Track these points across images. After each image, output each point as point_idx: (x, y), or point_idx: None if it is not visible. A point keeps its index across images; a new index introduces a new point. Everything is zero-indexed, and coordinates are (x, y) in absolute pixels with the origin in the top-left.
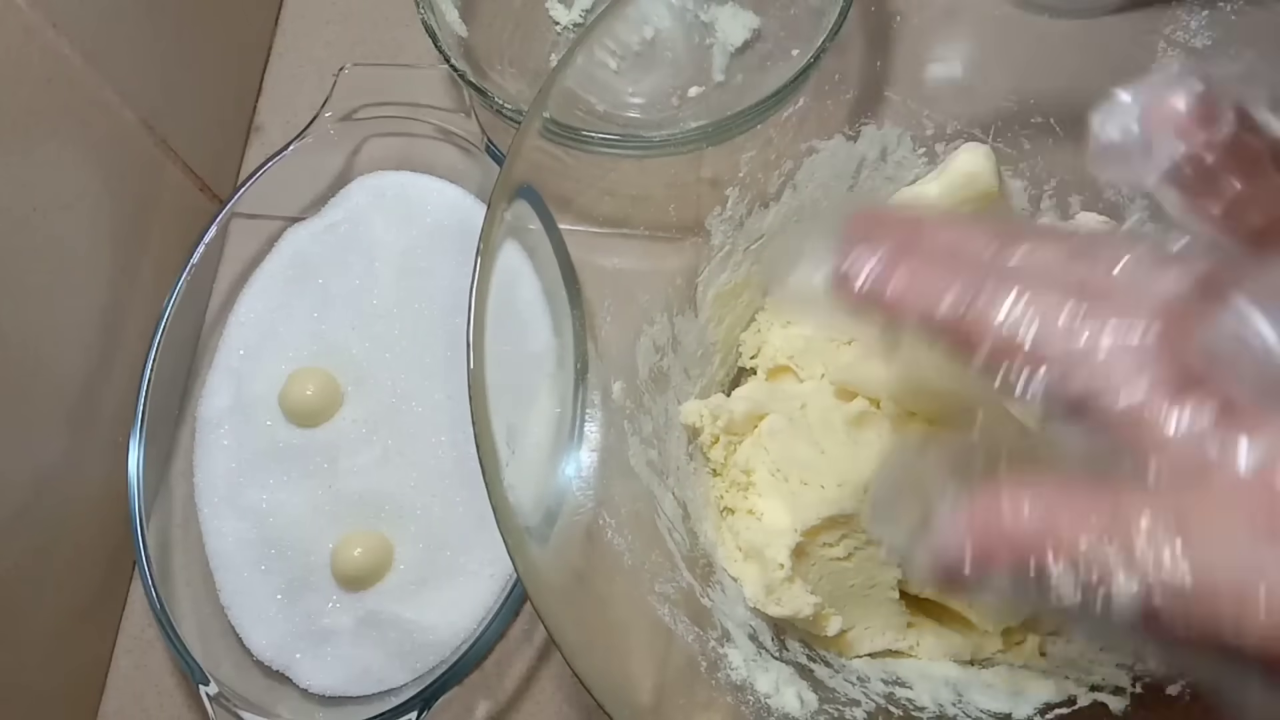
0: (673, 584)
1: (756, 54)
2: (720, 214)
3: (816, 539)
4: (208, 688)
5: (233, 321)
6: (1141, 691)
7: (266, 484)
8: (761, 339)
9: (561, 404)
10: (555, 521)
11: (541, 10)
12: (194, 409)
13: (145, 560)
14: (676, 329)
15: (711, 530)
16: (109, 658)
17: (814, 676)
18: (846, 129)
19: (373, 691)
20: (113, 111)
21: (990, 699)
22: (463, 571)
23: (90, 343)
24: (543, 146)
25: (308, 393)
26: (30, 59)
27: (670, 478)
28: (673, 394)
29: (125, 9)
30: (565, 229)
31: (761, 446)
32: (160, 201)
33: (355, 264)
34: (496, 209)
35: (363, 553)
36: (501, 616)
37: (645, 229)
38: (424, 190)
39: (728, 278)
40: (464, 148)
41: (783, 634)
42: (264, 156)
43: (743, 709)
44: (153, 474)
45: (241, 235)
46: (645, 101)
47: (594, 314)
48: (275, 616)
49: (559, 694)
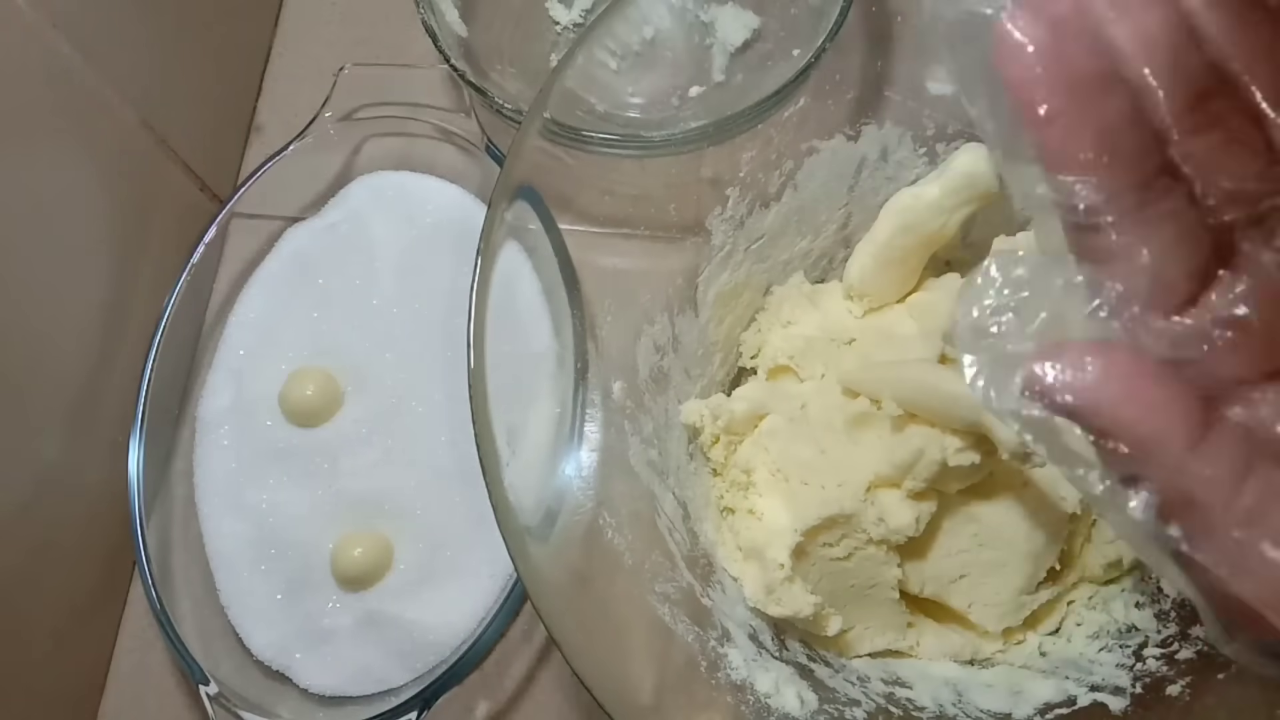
0: (673, 584)
1: (756, 54)
2: (721, 214)
3: (816, 539)
4: (208, 688)
5: (233, 321)
6: (1141, 691)
7: (266, 484)
8: (762, 339)
9: (561, 404)
10: (555, 521)
11: (541, 10)
12: (194, 409)
13: (145, 560)
14: (677, 329)
15: (711, 530)
16: (109, 658)
17: (814, 676)
18: (847, 129)
19: (373, 691)
20: (113, 111)
21: (990, 699)
22: (463, 571)
23: (90, 343)
24: (543, 146)
25: (308, 393)
26: (30, 59)
27: (670, 477)
28: (673, 394)
29: (125, 9)
30: (565, 229)
31: (762, 446)
32: (160, 201)
33: (355, 264)
34: (496, 209)
35: (363, 553)
36: (501, 616)
37: (645, 229)
38: (424, 190)
39: (728, 278)
40: (464, 148)
41: (783, 634)
42: (264, 156)
43: (743, 709)
44: (153, 474)
45: (241, 235)
46: (645, 101)
47: (594, 314)
48: (275, 616)
49: (559, 694)
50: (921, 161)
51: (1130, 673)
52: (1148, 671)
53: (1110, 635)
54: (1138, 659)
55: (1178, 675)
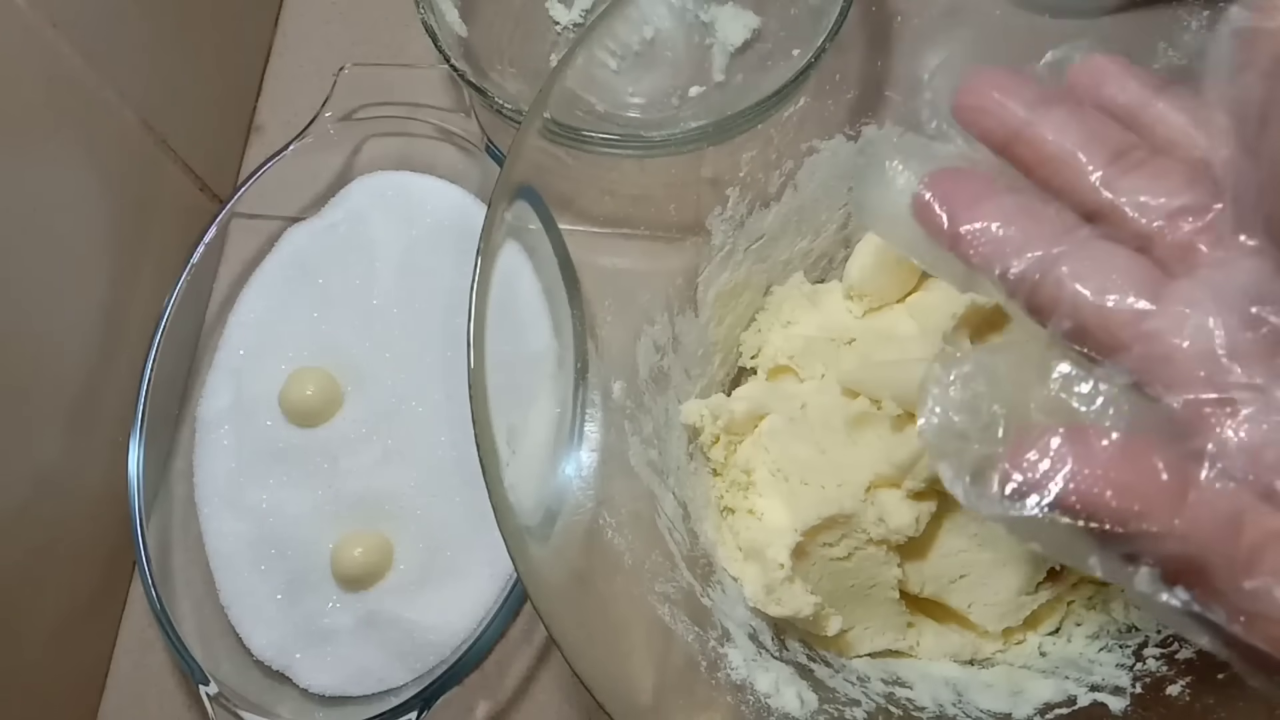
0: (673, 584)
1: (756, 54)
2: (721, 214)
3: (816, 539)
4: (208, 688)
5: (233, 321)
6: (1141, 691)
7: (266, 484)
8: (762, 339)
9: (561, 404)
10: (555, 521)
11: (541, 10)
12: (194, 409)
13: (145, 560)
14: (677, 329)
15: (711, 530)
16: (109, 658)
17: (814, 676)
18: (847, 129)
19: (373, 691)
20: (113, 111)
21: (990, 699)
22: (463, 571)
23: (90, 343)
24: (543, 146)
25: (308, 393)
26: (30, 59)
27: (670, 477)
28: (673, 394)
29: (125, 9)
30: (565, 229)
31: (762, 446)
32: (160, 201)
33: (355, 264)
34: (496, 209)
35: (363, 553)
36: (501, 616)
37: (645, 229)
38: (424, 190)
39: (728, 277)
40: (464, 148)
41: (783, 634)
42: (264, 156)
43: (743, 709)
44: (153, 474)
45: (241, 235)
46: (645, 101)
47: (594, 314)
48: (275, 616)
49: (559, 694)
50: None
51: (1130, 673)
52: (1148, 671)
53: (1110, 635)
54: (1138, 659)
55: (1178, 675)
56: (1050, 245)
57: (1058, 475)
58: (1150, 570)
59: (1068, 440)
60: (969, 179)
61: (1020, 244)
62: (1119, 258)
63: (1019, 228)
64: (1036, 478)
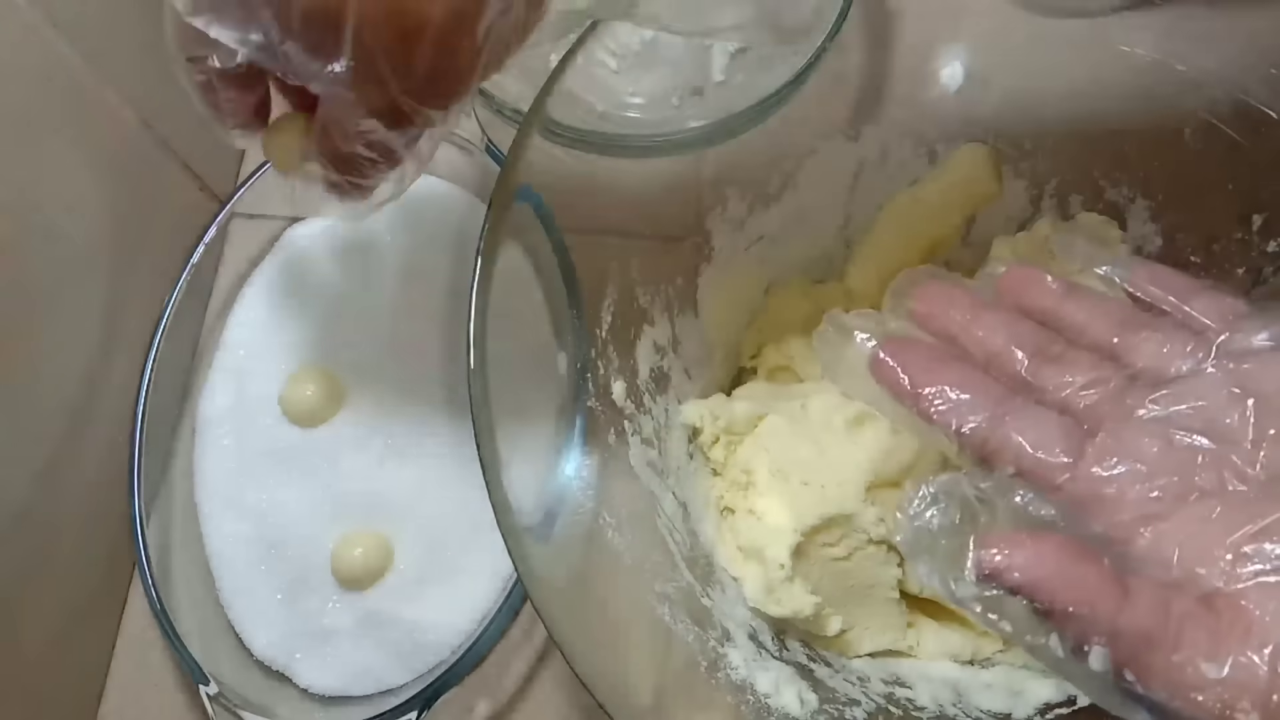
0: (673, 584)
1: (756, 54)
2: (720, 214)
3: (816, 539)
4: (208, 688)
5: (233, 321)
6: None
7: (266, 484)
8: (762, 339)
9: (561, 404)
10: (555, 521)
11: None
12: (194, 409)
13: (145, 560)
14: (677, 329)
15: (711, 530)
16: (109, 658)
17: (814, 676)
18: (847, 129)
19: (373, 691)
20: (113, 111)
21: (990, 699)
22: (463, 571)
23: (90, 343)
24: (543, 146)
25: (308, 393)
26: (30, 59)
27: (670, 478)
28: (673, 394)
29: (125, 9)
30: (565, 229)
31: (762, 446)
32: (160, 201)
33: (355, 264)
34: (496, 209)
35: (363, 553)
36: (501, 616)
37: (645, 229)
38: (424, 190)
39: (728, 278)
40: (464, 148)
41: (783, 634)
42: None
43: (743, 709)
44: (153, 474)
45: (241, 235)
46: (645, 101)
47: (594, 314)
48: (275, 616)
49: (559, 694)
50: (921, 161)
51: None
52: None
53: None
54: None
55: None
56: (995, 409)
57: (1024, 560)
58: (1103, 652)
59: (1030, 537)
60: (919, 348)
61: (971, 407)
62: (1049, 421)
63: (969, 393)
64: (1007, 562)
